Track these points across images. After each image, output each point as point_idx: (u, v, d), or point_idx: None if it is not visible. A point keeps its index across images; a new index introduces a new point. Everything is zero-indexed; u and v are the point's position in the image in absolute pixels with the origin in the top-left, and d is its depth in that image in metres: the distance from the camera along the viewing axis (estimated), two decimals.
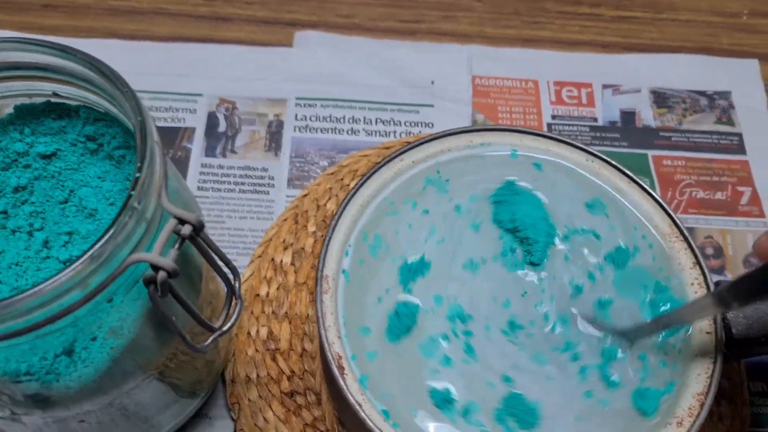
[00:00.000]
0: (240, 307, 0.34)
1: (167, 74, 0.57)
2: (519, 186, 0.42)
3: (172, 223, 0.30)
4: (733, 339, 0.39)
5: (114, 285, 0.29)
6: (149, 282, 0.29)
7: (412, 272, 0.39)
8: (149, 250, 0.29)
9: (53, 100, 0.35)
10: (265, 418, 0.44)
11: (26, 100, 0.35)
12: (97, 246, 0.27)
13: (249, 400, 0.44)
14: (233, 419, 0.45)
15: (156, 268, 0.29)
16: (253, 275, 0.48)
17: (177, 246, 0.30)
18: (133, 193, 0.28)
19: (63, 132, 0.36)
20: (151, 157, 0.29)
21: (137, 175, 0.28)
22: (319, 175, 0.53)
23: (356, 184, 0.41)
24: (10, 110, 0.36)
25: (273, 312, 0.47)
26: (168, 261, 0.29)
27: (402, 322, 0.38)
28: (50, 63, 0.33)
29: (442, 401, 0.36)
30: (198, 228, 0.30)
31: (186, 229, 0.30)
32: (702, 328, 0.39)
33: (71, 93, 0.34)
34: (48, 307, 0.27)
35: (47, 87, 0.34)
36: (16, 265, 0.34)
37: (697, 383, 0.37)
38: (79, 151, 0.36)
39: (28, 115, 0.36)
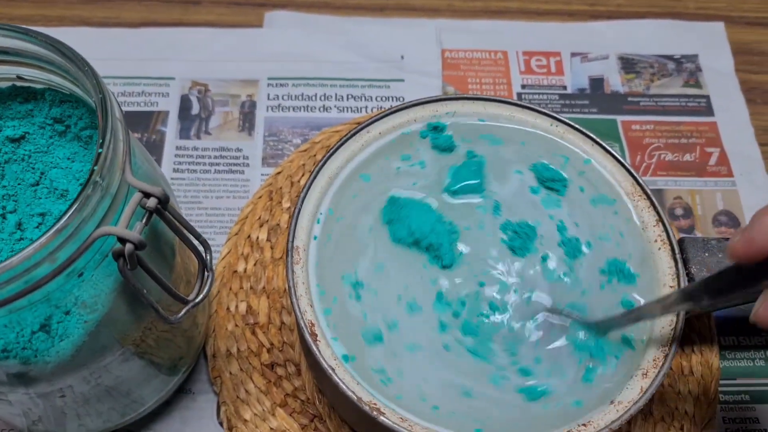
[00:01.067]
0: (211, 279, 0.35)
1: (139, 59, 0.58)
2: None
3: (137, 197, 0.30)
4: None
5: (83, 259, 0.29)
6: (118, 255, 0.30)
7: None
8: (115, 225, 0.30)
9: (18, 83, 0.36)
10: (246, 390, 0.45)
11: None
12: (63, 220, 0.28)
13: (230, 373, 0.45)
14: (216, 393, 0.46)
15: (123, 241, 0.29)
16: (231, 252, 0.49)
17: (144, 220, 0.31)
18: (95, 168, 0.29)
19: (30, 115, 0.36)
20: (113, 133, 0.30)
21: (99, 150, 0.29)
22: (292, 152, 0.54)
23: (323, 156, 0.41)
24: None
25: (251, 287, 0.48)
26: (133, 233, 0.29)
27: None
28: (12, 46, 0.33)
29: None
30: (163, 201, 0.31)
31: (151, 202, 0.31)
32: (665, 283, 0.40)
33: (36, 76, 0.35)
34: (18, 281, 0.27)
35: (11, 70, 0.35)
36: None
37: (662, 336, 0.38)
38: (48, 133, 0.36)
39: None
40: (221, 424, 0.45)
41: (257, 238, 0.49)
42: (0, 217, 0.35)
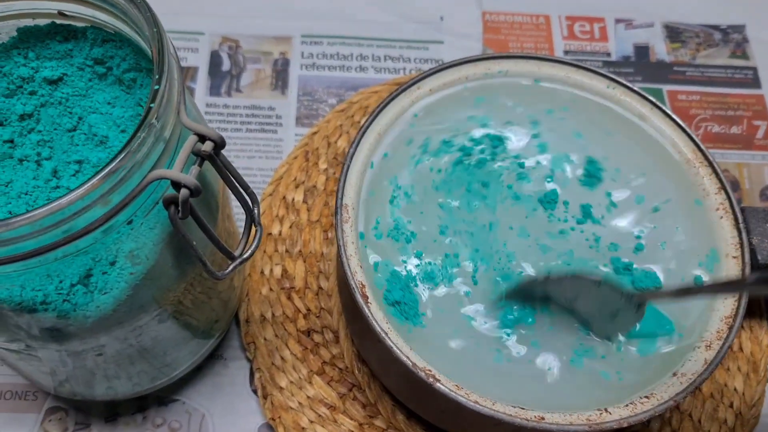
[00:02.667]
0: (260, 234, 0.33)
1: (167, 13, 0.54)
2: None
3: (192, 139, 0.28)
4: (758, 265, 0.39)
5: (134, 204, 0.28)
6: (169, 203, 0.28)
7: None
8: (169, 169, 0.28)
9: (58, 21, 0.34)
10: (282, 357, 0.43)
11: (29, 22, 0.34)
12: (117, 160, 0.26)
13: (265, 339, 0.43)
14: (248, 359, 0.44)
15: (177, 186, 0.27)
16: (265, 213, 0.47)
17: (198, 163, 0.28)
18: (153, 105, 0.26)
19: (69, 55, 0.34)
20: (169, 70, 0.28)
21: (156, 87, 0.27)
22: (328, 112, 0.51)
23: (372, 112, 0.39)
24: (13, 33, 0.34)
25: (286, 250, 0.46)
26: (190, 178, 0.27)
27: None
28: None
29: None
30: (220, 145, 0.29)
31: (207, 146, 0.28)
32: (729, 253, 0.38)
33: (78, 11, 0.33)
34: (71, 223, 0.25)
35: (52, 6, 0.33)
36: (26, 194, 0.33)
37: (725, 307, 0.37)
38: (87, 75, 0.34)
39: (31, 38, 0.34)
40: (255, 391, 0.43)
41: (293, 199, 0.47)
42: (35, 163, 0.33)
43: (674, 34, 0.58)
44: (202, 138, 0.28)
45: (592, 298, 0.35)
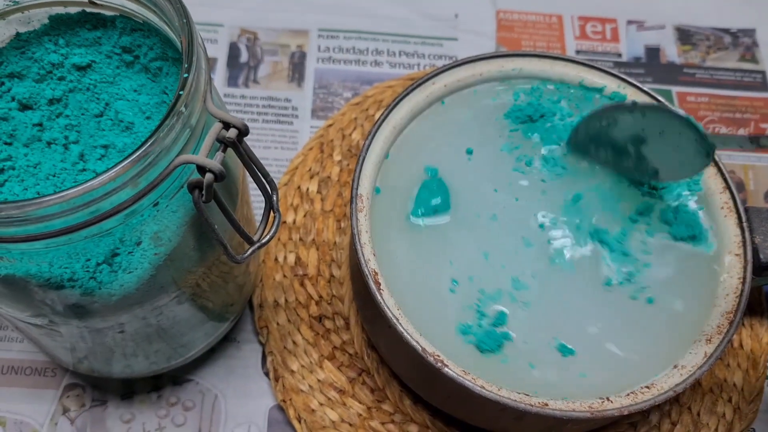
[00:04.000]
0: (278, 220, 0.35)
1: (188, 4, 0.56)
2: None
3: (217, 126, 0.29)
4: (761, 264, 0.39)
5: (161, 187, 0.29)
6: (194, 187, 0.29)
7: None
8: (195, 154, 0.29)
9: (89, 9, 0.35)
10: (294, 341, 0.44)
11: (61, 10, 0.35)
12: (147, 145, 0.27)
13: (278, 324, 0.45)
14: (261, 343, 0.45)
15: (203, 170, 0.29)
16: (280, 203, 0.48)
17: (222, 149, 0.30)
18: (182, 92, 0.28)
19: (98, 43, 0.35)
20: (197, 59, 0.29)
21: (185, 75, 0.28)
22: (343, 105, 0.53)
23: (388, 105, 0.40)
24: (44, 20, 0.35)
25: (300, 239, 0.47)
26: (215, 163, 0.28)
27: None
28: None
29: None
30: (244, 132, 0.30)
31: (231, 133, 0.30)
32: (731, 250, 0.39)
33: (109, 1, 0.34)
34: (99, 204, 0.27)
35: None
36: (53, 176, 0.34)
37: (726, 303, 0.38)
38: (115, 63, 0.35)
39: (62, 25, 0.35)
40: (266, 374, 0.44)
41: (307, 189, 0.48)
42: (62, 147, 0.35)
43: (685, 36, 0.59)
44: (227, 125, 0.30)
45: (666, 138, 0.38)
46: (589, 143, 0.40)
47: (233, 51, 0.55)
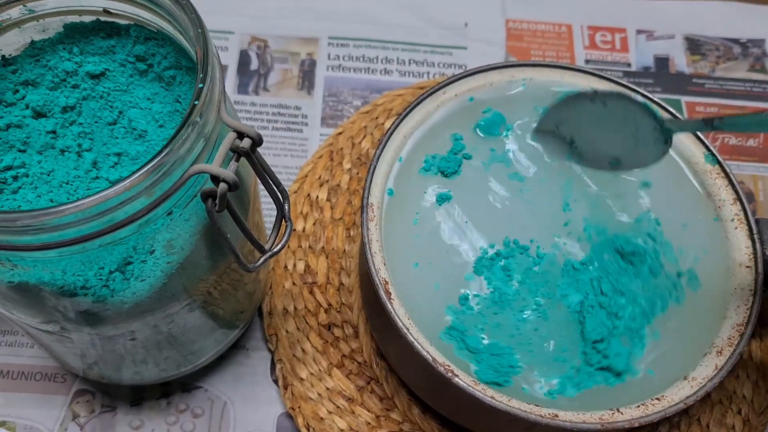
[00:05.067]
0: (289, 229, 0.35)
1: (199, 12, 0.56)
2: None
3: (231, 136, 0.30)
4: None
5: (175, 196, 0.29)
6: (207, 196, 0.29)
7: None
8: (209, 164, 0.29)
9: (103, 18, 0.35)
10: (303, 349, 0.44)
11: (75, 18, 0.35)
12: (162, 155, 0.27)
13: (287, 331, 0.45)
14: (270, 350, 0.45)
15: (216, 180, 0.29)
16: (289, 211, 0.48)
17: (235, 159, 0.30)
18: (196, 102, 0.28)
19: (112, 52, 0.35)
20: (212, 69, 0.29)
21: (200, 85, 0.28)
22: (353, 113, 0.53)
23: (400, 114, 0.41)
24: (59, 29, 0.35)
25: (310, 246, 0.47)
26: (229, 172, 0.29)
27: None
28: None
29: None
30: (257, 142, 0.30)
31: (245, 143, 0.30)
32: (742, 263, 0.39)
33: (123, 9, 0.34)
34: (114, 213, 0.27)
35: (98, 3, 0.34)
36: (67, 183, 0.34)
37: (737, 315, 0.38)
38: (128, 72, 0.36)
39: (76, 33, 0.35)
40: (275, 381, 0.44)
41: (317, 197, 0.48)
42: (76, 154, 0.35)
43: (695, 46, 0.59)
44: (240, 135, 0.30)
45: (626, 125, 0.37)
46: (553, 135, 0.40)
47: (243, 58, 0.55)
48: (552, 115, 0.40)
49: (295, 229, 0.48)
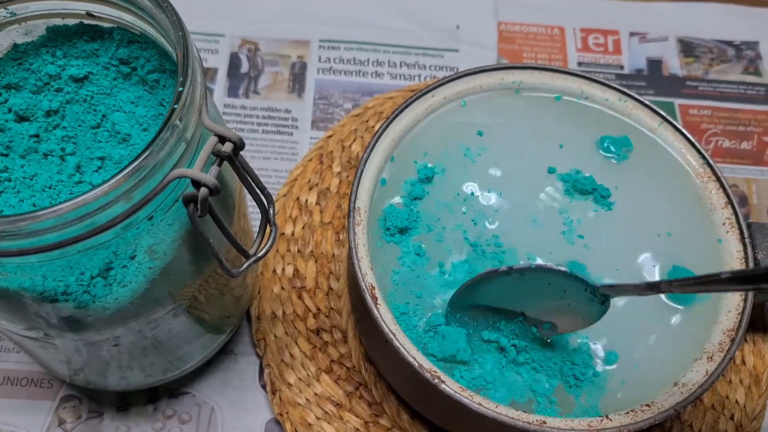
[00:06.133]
0: (275, 234, 0.34)
1: (189, 15, 0.56)
2: None
3: (212, 140, 0.29)
4: None
5: (155, 201, 0.28)
6: (189, 201, 0.29)
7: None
8: (189, 168, 0.29)
9: (86, 21, 0.35)
10: (291, 354, 0.44)
11: (59, 21, 0.35)
12: (141, 159, 0.27)
13: (275, 336, 0.44)
14: (258, 355, 0.45)
15: (197, 184, 0.28)
16: (278, 214, 0.48)
17: (217, 163, 0.29)
18: (176, 106, 0.27)
19: (95, 55, 0.35)
20: (192, 73, 0.29)
21: (180, 89, 0.28)
22: (343, 116, 0.52)
23: (388, 118, 0.40)
24: (42, 32, 0.35)
25: (298, 251, 0.47)
26: (209, 177, 0.28)
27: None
28: None
29: None
30: (239, 146, 0.30)
31: (227, 147, 0.29)
32: (733, 267, 0.39)
33: (106, 13, 0.34)
34: (94, 218, 0.26)
35: (81, 6, 0.34)
36: (49, 188, 0.34)
37: (728, 320, 0.37)
38: (112, 75, 0.35)
39: (60, 37, 0.35)
40: (264, 387, 0.44)
41: (306, 201, 0.48)
42: (59, 158, 0.34)
43: (688, 48, 0.58)
44: (222, 139, 0.30)
45: (553, 293, 0.35)
46: (471, 311, 0.37)
47: (234, 61, 0.55)
48: (467, 293, 0.37)
49: (283, 233, 0.47)
